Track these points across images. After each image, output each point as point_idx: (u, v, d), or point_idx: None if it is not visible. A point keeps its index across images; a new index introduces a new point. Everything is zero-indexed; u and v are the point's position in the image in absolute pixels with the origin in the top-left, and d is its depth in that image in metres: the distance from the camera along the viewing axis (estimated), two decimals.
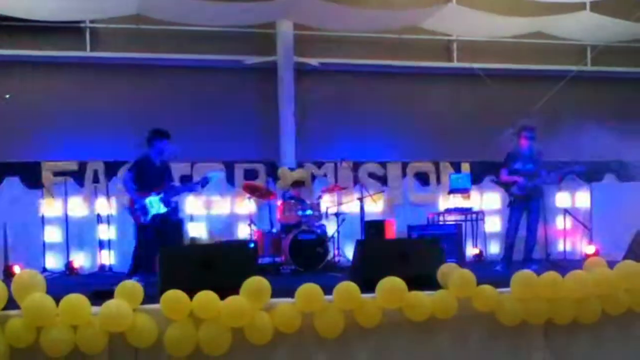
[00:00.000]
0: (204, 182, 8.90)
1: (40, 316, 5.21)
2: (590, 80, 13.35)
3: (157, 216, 8.36)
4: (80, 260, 10.99)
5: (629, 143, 11.58)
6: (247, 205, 11.01)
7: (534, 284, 6.06)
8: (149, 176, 8.44)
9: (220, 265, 6.17)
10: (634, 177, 11.85)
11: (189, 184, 9.73)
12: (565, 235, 12.25)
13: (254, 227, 10.58)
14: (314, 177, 11.99)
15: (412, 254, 6.65)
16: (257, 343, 5.57)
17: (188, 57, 11.92)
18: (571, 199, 12.42)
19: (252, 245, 9.96)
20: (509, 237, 9.48)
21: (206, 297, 5.47)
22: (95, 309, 5.36)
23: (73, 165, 11.26)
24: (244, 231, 11.27)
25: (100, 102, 11.63)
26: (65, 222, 10.97)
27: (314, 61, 12.30)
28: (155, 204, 8.36)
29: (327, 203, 11.19)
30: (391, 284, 5.82)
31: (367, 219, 10.87)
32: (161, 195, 8.39)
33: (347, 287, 5.79)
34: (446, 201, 12.20)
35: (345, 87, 12.51)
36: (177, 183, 9.07)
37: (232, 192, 11.68)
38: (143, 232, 8.44)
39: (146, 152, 8.61)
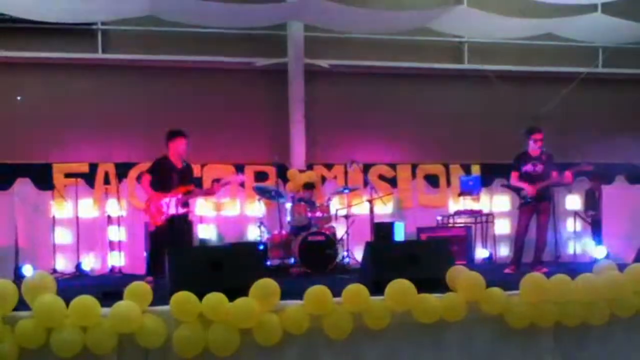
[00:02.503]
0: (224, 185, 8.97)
1: (50, 317, 5.24)
2: (601, 82, 13.31)
3: (172, 217, 8.37)
4: (90, 261, 11.03)
5: None
6: (256, 207, 11.02)
7: (544, 287, 6.05)
8: (167, 177, 8.46)
9: (229, 267, 6.20)
10: None
11: (209, 189, 9.69)
12: (575, 237, 12.20)
13: (263, 229, 10.60)
14: (323, 179, 12.00)
15: (421, 256, 6.65)
16: (266, 344, 5.59)
17: (199, 59, 11.96)
18: (581, 202, 12.36)
19: (261, 247, 9.99)
20: (518, 240, 9.45)
21: (215, 298, 5.49)
22: (104, 310, 5.39)
23: (84, 167, 11.30)
24: (253, 233, 11.28)
25: (111, 103, 11.69)
26: (76, 223, 11.02)
27: (324, 63, 12.31)
28: (171, 205, 8.36)
29: (337, 205, 11.19)
30: (400, 286, 5.82)
31: (376, 220, 10.87)
32: (178, 196, 8.40)
33: (356, 289, 5.79)
34: (456, 203, 12.18)
35: (355, 89, 12.53)
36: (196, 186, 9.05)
37: (242, 194, 11.71)
38: (156, 232, 8.46)
39: (165, 153, 8.67)
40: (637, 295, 6.26)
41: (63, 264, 10.94)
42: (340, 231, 10.76)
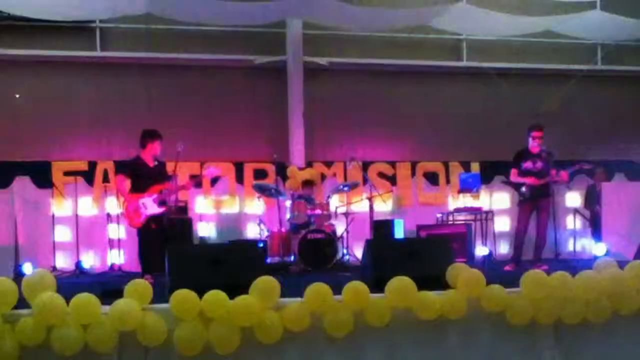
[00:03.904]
0: (198, 182, 8.92)
1: (50, 315, 5.23)
2: (600, 80, 13.31)
3: (152, 217, 8.36)
4: (90, 259, 11.05)
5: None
6: (256, 205, 11.02)
7: (544, 284, 6.04)
8: (142, 177, 8.46)
9: (229, 265, 6.18)
10: None
11: (183, 184, 9.65)
12: (575, 234, 12.20)
13: (263, 227, 10.59)
14: (323, 177, 11.99)
15: (421, 253, 6.63)
16: (267, 342, 5.58)
17: (198, 56, 11.94)
18: (581, 199, 12.36)
19: (261, 244, 9.98)
20: (518, 237, 9.45)
21: (215, 296, 5.48)
22: (105, 308, 5.38)
23: (83, 165, 11.31)
24: (253, 231, 11.28)
25: (110, 101, 11.69)
26: (75, 221, 11.02)
27: (323, 60, 12.29)
28: (149, 205, 8.35)
29: (337, 202, 11.17)
30: (400, 284, 5.82)
31: (376, 218, 10.86)
32: (154, 196, 8.38)
33: (356, 287, 5.78)
34: (455, 201, 12.18)
35: (354, 87, 12.51)
36: (180, 182, 9.01)
37: (241, 192, 11.71)
38: (141, 233, 8.45)
39: (138, 153, 8.64)
40: (638, 292, 6.25)
41: (63, 262, 10.96)
42: (340, 229, 10.76)
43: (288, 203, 10.63)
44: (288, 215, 10.50)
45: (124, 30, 11.80)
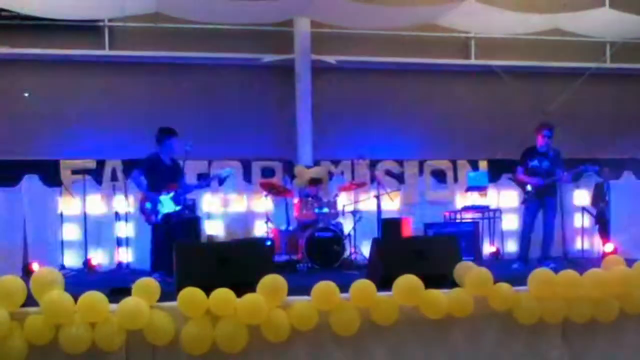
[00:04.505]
0: (221, 181, 8.93)
1: (58, 313, 5.23)
2: (609, 77, 13.25)
3: (168, 215, 8.37)
4: (98, 257, 11.08)
5: None
6: (263, 203, 11.02)
7: (552, 283, 6.02)
8: (159, 175, 8.46)
9: (237, 263, 6.18)
10: None
11: (200, 182, 9.69)
12: (583, 233, 12.16)
13: (270, 225, 10.60)
14: (330, 175, 11.99)
15: (428, 252, 6.61)
16: (274, 341, 5.57)
17: (206, 55, 11.97)
18: (589, 197, 12.32)
19: (268, 242, 9.99)
20: (524, 235, 9.43)
21: (223, 294, 5.47)
22: (113, 306, 5.39)
23: (91, 164, 11.35)
24: (260, 229, 11.29)
25: (118, 100, 11.72)
26: (84, 219, 11.05)
27: (331, 59, 12.29)
28: (166, 203, 8.37)
29: (344, 201, 11.17)
30: (407, 282, 5.80)
31: (383, 216, 10.85)
32: (172, 194, 8.39)
33: (363, 285, 5.77)
34: (463, 199, 12.16)
35: (362, 85, 12.52)
36: (189, 181, 9.03)
37: (249, 190, 11.71)
38: (156, 231, 8.46)
39: (156, 151, 8.64)
40: None
41: (71, 260, 10.99)
42: (347, 227, 10.76)
43: (295, 201, 10.63)
44: (295, 214, 10.51)
45: (133, 29, 11.84)
